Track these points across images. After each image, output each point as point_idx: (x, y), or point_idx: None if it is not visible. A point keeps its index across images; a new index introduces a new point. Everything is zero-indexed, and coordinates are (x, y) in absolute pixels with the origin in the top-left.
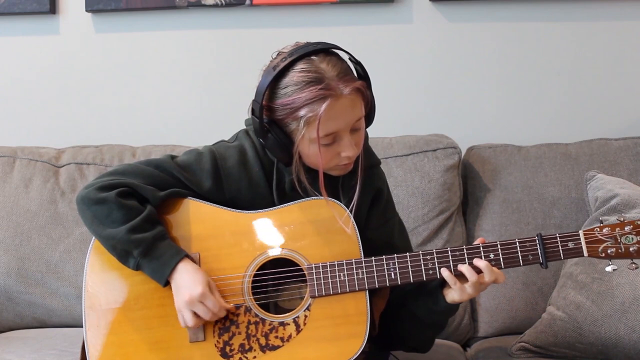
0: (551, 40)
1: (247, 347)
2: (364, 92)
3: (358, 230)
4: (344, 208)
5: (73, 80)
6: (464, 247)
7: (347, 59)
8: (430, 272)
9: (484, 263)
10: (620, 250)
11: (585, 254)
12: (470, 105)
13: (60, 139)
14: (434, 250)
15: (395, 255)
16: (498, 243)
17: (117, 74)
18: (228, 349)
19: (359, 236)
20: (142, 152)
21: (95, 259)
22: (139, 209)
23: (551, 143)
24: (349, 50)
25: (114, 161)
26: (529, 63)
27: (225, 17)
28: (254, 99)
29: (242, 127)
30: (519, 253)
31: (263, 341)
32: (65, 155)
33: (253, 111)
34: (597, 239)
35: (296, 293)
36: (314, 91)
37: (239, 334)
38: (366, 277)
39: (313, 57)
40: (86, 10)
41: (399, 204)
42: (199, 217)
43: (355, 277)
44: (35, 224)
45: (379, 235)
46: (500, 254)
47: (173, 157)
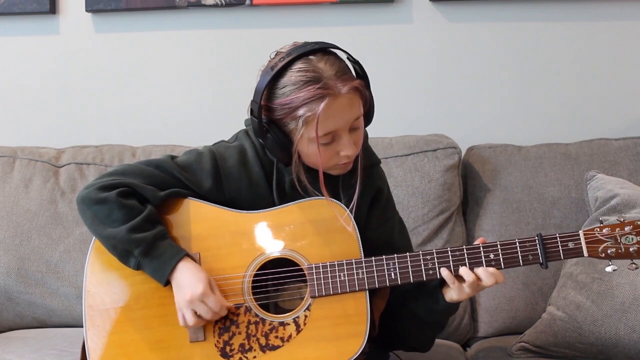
0: (551, 40)
1: (247, 347)
2: (362, 91)
3: (358, 230)
4: (344, 208)
5: (73, 80)
6: (464, 247)
7: (345, 58)
8: (430, 272)
9: (482, 271)
10: (620, 251)
11: (586, 254)
12: (470, 105)
13: (60, 139)
14: (434, 250)
15: (395, 255)
16: (498, 243)
17: (117, 74)
18: (228, 348)
19: (359, 236)
20: (142, 152)
21: (96, 258)
22: (140, 208)
23: (551, 143)
24: (348, 50)
25: (114, 161)
26: (529, 63)
27: (225, 17)
28: (252, 99)
29: (242, 127)
30: (519, 253)
31: (263, 341)
32: (65, 155)
33: (252, 111)
34: (597, 239)
35: (296, 293)
36: (312, 90)
37: (239, 333)
38: (366, 277)
39: (311, 57)
40: (86, 10)
41: (399, 204)
42: (199, 217)
43: (355, 277)
44: (35, 224)
45: (380, 235)
46: (500, 254)
47: (173, 157)
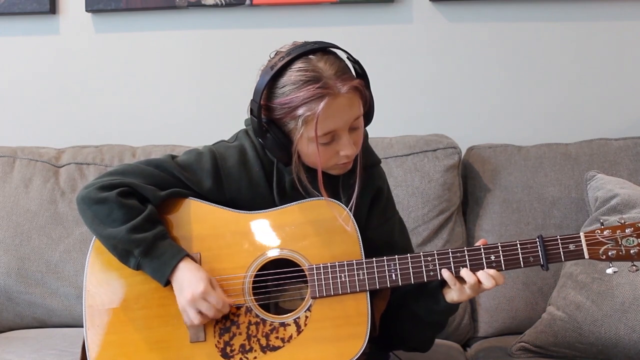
0: (551, 40)
1: (248, 348)
2: (362, 91)
3: (359, 230)
4: (343, 207)
5: (73, 80)
6: (465, 249)
7: (345, 57)
8: (431, 274)
9: (483, 273)
10: (621, 253)
11: (586, 255)
12: (470, 105)
13: (60, 139)
14: (435, 251)
15: (396, 256)
16: (499, 245)
17: (117, 74)
18: (229, 349)
19: (359, 236)
20: (142, 152)
21: (96, 258)
22: (140, 208)
23: (551, 143)
24: (348, 50)
25: (114, 161)
26: (529, 63)
27: (225, 17)
28: (252, 99)
29: (242, 127)
30: (520, 255)
31: (264, 342)
32: (65, 155)
33: (251, 111)
34: (598, 241)
35: (297, 294)
36: (312, 90)
37: (240, 334)
38: (367, 278)
39: (311, 56)
40: (86, 10)
41: (399, 204)
42: (199, 217)
43: (356, 278)
44: (35, 224)
45: (380, 234)
46: (501, 256)
47: (173, 157)
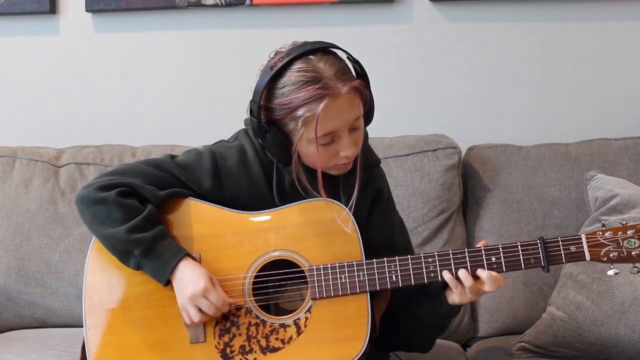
0: (551, 40)
1: (248, 349)
2: (362, 91)
3: (359, 230)
4: (343, 208)
5: (73, 80)
6: (466, 250)
7: (345, 58)
8: (432, 275)
9: (486, 274)
10: (622, 254)
11: (587, 257)
12: (470, 105)
13: (60, 139)
14: (436, 252)
15: (396, 257)
16: (500, 246)
17: (117, 74)
18: (228, 350)
19: (360, 237)
20: (142, 152)
21: (96, 258)
22: (139, 208)
23: (551, 143)
24: (348, 50)
25: (114, 161)
26: (529, 63)
27: (225, 17)
28: (251, 99)
29: (242, 127)
30: (521, 256)
31: (264, 343)
32: (65, 155)
33: (251, 111)
34: (600, 242)
35: (297, 295)
36: (312, 91)
37: (240, 335)
38: (367, 279)
39: (310, 57)
40: (86, 10)
41: (399, 204)
42: (199, 217)
43: (356, 279)
44: (35, 224)
45: (380, 235)
46: (502, 258)
47: (173, 157)
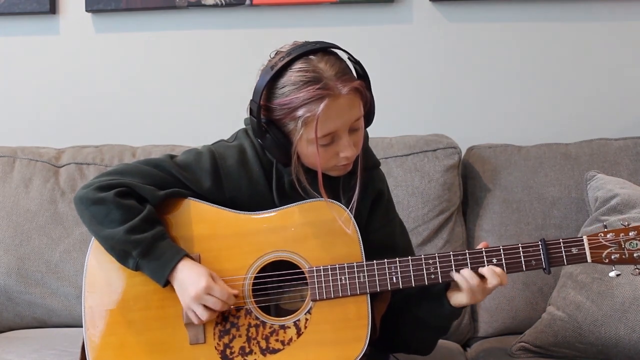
0: (551, 40)
1: (248, 350)
2: (362, 92)
3: (360, 232)
4: (344, 209)
5: (73, 80)
6: (467, 252)
7: (346, 58)
8: (432, 277)
9: (487, 269)
10: (624, 256)
11: (589, 259)
12: (470, 105)
13: (60, 139)
14: (437, 254)
15: (397, 259)
16: (501, 248)
17: (117, 74)
18: (228, 351)
19: (360, 238)
20: (142, 152)
21: (95, 259)
22: (138, 208)
23: (551, 143)
24: (349, 51)
25: (114, 161)
26: (529, 63)
27: (225, 17)
28: (251, 99)
29: (242, 127)
30: (522, 258)
31: (264, 344)
32: (65, 155)
33: (251, 111)
34: (601, 244)
35: (297, 296)
36: (312, 91)
37: (240, 336)
38: (367, 281)
39: (311, 57)
40: (86, 10)
41: (399, 204)
42: (199, 218)
43: (356, 281)
44: (35, 224)
45: (381, 237)
46: (503, 259)
47: (172, 157)
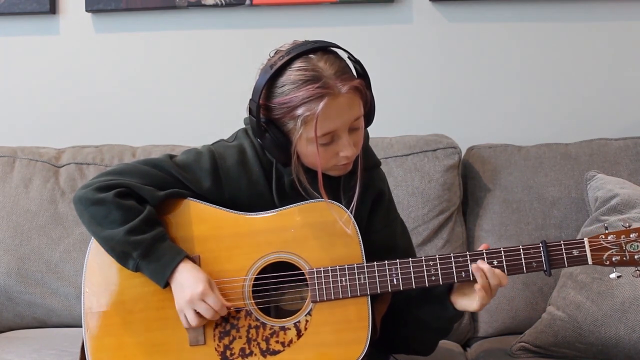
0: (551, 40)
1: (248, 352)
2: (362, 91)
3: (360, 233)
4: (344, 209)
5: (73, 80)
6: (467, 253)
7: (346, 57)
8: (433, 278)
9: (487, 267)
10: (625, 258)
11: (590, 261)
12: (470, 105)
13: (60, 139)
14: (437, 255)
15: (397, 260)
16: (502, 250)
17: (117, 74)
18: (228, 353)
19: (360, 239)
20: (142, 152)
21: (95, 259)
22: (138, 209)
23: (551, 143)
24: (349, 50)
25: (114, 161)
26: (529, 63)
27: (225, 17)
28: (251, 98)
29: (242, 127)
30: (523, 260)
31: (264, 345)
32: (65, 155)
33: (250, 110)
34: (602, 246)
35: (297, 297)
36: (311, 90)
37: (240, 338)
38: (368, 283)
39: (311, 56)
40: (86, 10)
41: (399, 204)
42: (199, 218)
43: (357, 283)
44: (35, 224)
45: (382, 237)
46: (504, 261)
47: (172, 157)
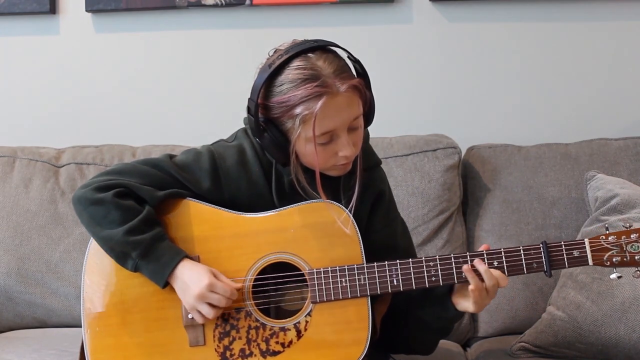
0: (551, 40)
1: (248, 352)
2: (361, 90)
3: (360, 233)
4: (343, 209)
5: (73, 80)
6: (468, 254)
7: (346, 57)
8: (433, 279)
9: (484, 267)
10: (625, 259)
11: (590, 262)
12: (470, 105)
13: (60, 139)
14: (437, 256)
15: (397, 261)
16: (502, 250)
17: (117, 74)
18: (228, 353)
19: (360, 240)
20: (142, 152)
21: (94, 259)
22: (137, 209)
23: (551, 143)
24: (348, 50)
25: (114, 161)
26: (529, 63)
27: (225, 17)
28: (249, 97)
29: (242, 127)
30: (523, 261)
31: (264, 346)
32: (65, 155)
33: (249, 110)
34: (603, 247)
35: (298, 298)
36: (310, 89)
37: (239, 338)
38: (368, 283)
39: (309, 55)
40: (86, 10)
41: (399, 204)
42: (199, 219)
43: (357, 283)
44: (35, 224)
45: (383, 237)
46: (505, 262)
47: (171, 157)
